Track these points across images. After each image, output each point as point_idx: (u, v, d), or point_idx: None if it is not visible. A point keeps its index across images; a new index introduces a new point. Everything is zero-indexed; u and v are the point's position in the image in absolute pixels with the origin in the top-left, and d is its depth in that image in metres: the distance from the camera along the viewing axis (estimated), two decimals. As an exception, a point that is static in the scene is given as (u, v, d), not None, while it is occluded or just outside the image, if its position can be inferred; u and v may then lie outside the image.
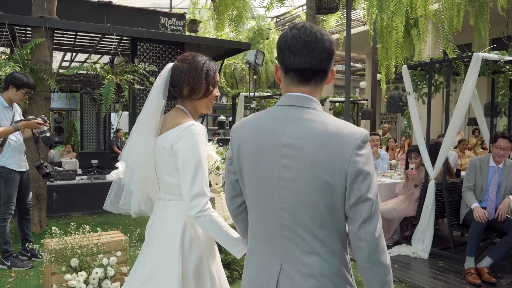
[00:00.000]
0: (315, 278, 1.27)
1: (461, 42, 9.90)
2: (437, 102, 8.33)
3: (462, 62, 4.89)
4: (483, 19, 7.44)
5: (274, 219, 1.31)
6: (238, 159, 1.39)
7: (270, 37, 11.30)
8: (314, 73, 1.30)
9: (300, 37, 1.28)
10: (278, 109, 1.33)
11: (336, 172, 1.22)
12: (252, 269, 1.40)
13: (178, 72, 1.80)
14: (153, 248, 1.85)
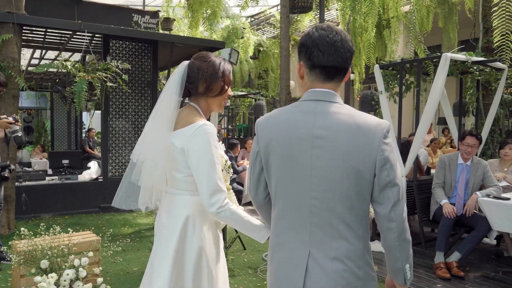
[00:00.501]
0: (342, 261, 1.37)
1: (431, 43, 10.14)
2: (408, 101, 8.50)
3: (431, 63, 5.02)
4: (452, 21, 7.64)
5: (304, 207, 1.41)
6: (266, 153, 1.47)
7: (245, 36, 11.29)
8: (339, 70, 1.43)
9: (328, 36, 1.41)
10: (306, 104, 1.44)
11: (366, 160, 1.35)
12: (280, 257, 1.47)
13: (195, 69, 1.84)
14: (157, 241, 1.91)
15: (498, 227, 4.06)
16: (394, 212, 1.38)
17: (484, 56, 5.41)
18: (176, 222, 1.84)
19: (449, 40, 7.65)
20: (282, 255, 1.46)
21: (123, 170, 7.10)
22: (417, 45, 6.49)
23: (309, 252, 1.40)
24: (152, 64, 7.27)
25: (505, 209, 3.95)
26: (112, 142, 7.00)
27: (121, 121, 7.05)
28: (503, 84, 5.40)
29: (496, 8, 4.65)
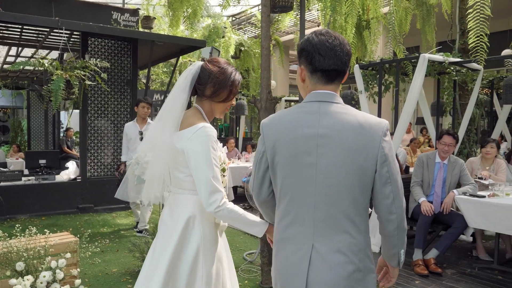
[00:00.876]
0: (344, 254, 1.45)
1: (410, 44, 10.31)
2: (387, 101, 8.60)
3: (410, 63, 5.10)
4: (430, 22, 7.78)
5: (309, 203, 1.48)
6: (272, 152, 1.54)
7: (226, 35, 11.25)
8: (339, 73, 1.53)
9: (328, 41, 1.49)
10: (309, 105, 1.52)
11: (368, 156, 1.44)
12: (285, 251, 1.54)
13: (207, 72, 1.90)
14: (159, 237, 1.98)
15: (474, 224, 4.16)
16: (395, 205, 1.48)
17: (461, 57, 5.53)
18: (177, 221, 1.91)
19: (427, 41, 7.78)
20: (287, 249, 1.53)
21: (102, 170, 6.99)
22: (396, 46, 6.59)
23: (312, 246, 1.47)
24: (132, 63, 7.18)
25: (481, 206, 4.04)
26: (91, 141, 6.89)
27: (100, 120, 6.94)
28: (478, 84, 5.53)
29: (471, 10, 4.75)
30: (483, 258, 4.64)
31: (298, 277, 1.48)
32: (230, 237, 5.50)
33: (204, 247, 1.91)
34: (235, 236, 5.57)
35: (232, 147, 8.74)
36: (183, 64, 14.47)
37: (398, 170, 1.50)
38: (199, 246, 1.90)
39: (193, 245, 1.89)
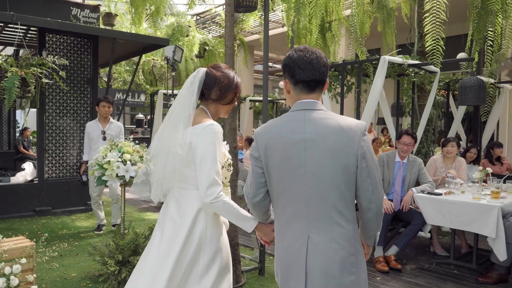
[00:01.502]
0: (336, 242, 1.66)
1: (371, 46, 10.56)
2: (349, 101, 8.80)
3: (371, 65, 5.22)
4: (390, 25, 7.98)
5: (302, 199, 1.69)
6: (266, 157, 1.75)
7: (190, 34, 11.13)
8: (318, 82, 1.74)
9: (305, 56, 1.72)
10: (296, 113, 1.74)
11: (350, 155, 1.65)
12: (284, 242, 1.75)
13: (213, 77, 2.07)
14: (160, 230, 2.09)
15: (432, 221, 4.30)
16: (374, 196, 1.70)
17: (419, 59, 5.71)
18: (185, 216, 2.02)
19: (387, 44, 7.99)
20: (286, 240, 1.74)
21: (60, 171, 6.75)
22: (357, 48, 6.72)
23: (308, 237, 1.68)
24: (92, 61, 6.97)
25: (438, 204, 4.19)
26: (48, 141, 6.64)
27: (58, 119, 6.70)
28: (435, 86, 5.73)
29: (428, 14, 4.92)
30: (440, 253, 4.82)
31: (298, 265, 1.69)
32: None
33: (205, 238, 2.02)
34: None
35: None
36: (146, 62, 14.22)
37: (377, 165, 1.72)
38: (201, 236, 2.01)
39: (195, 236, 2.01)
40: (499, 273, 3.96)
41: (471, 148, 6.34)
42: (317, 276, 1.67)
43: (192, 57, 11.88)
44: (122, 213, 4.00)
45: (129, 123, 20.50)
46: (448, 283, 3.97)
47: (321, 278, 1.66)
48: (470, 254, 4.52)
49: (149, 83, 15.22)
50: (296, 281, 1.71)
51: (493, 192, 4.14)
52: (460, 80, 6.17)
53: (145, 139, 10.23)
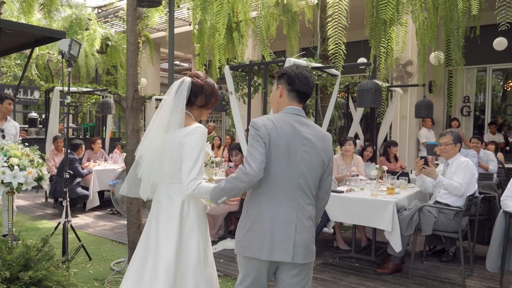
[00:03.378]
0: (311, 219, 2.17)
1: (277, 48, 10.81)
2: (256, 102, 8.91)
3: (277, 66, 5.31)
4: (294, 29, 8.24)
5: (294, 184, 2.10)
6: (268, 146, 2.07)
7: (90, 28, 10.43)
8: (307, 96, 2.22)
9: (304, 72, 2.20)
10: (292, 116, 2.16)
11: (326, 155, 2.19)
12: (273, 219, 2.08)
13: (199, 86, 2.33)
14: (156, 222, 2.31)
15: (335, 218, 4.50)
16: (329, 190, 2.25)
17: (322, 63, 5.95)
18: (174, 206, 2.27)
19: (292, 46, 8.24)
20: (277, 215, 2.08)
21: None
22: (263, 49, 6.82)
23: (296, 216, 2.09)
24: (-27, 52, 6.18)
25: (340, 201, 4.39)
26: None
27: None
28: (337, 88, 6.02)
29: (330, 19, 5.14)
30: (343, 247, 5.06)
31: (288, 238, 2.07)
32: (95, 246, 5.09)
33: (199, 227, 2.30)
34: (101, 244, 5.17)
35: (98, 148, 8.14)
36: (40, 56, 13.04)
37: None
38: (195, 227, 2.28)
39: (189, 226, 2.27)
40: (394, 264, 4.26)
41: (367, 147, 6.78)
42: (301, 246, 2.09)
43: (94, 52, 11.15)
44: (10, 223, 3.57)
45: (22, 122, 18.72)
46: (350, 276, 4.17)
47: (303, 247, 2.10)
48: (370, 247, 4.81)
49: (44, 79, 14.02)
50: (283, 252, 2.06)
51: (389, 189, 4.44)
52: (358, 83, 6.55)
53: (39, 140, 9.36)
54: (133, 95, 3.18)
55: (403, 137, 9.76)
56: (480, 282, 4.10)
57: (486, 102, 10.63)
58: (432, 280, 4.09)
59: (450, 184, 4.21)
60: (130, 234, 3.34)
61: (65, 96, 4.09)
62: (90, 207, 7.15)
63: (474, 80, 10.84)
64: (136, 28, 3.21)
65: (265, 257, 2.07)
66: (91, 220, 6.58)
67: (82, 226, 6.10)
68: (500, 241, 3.85)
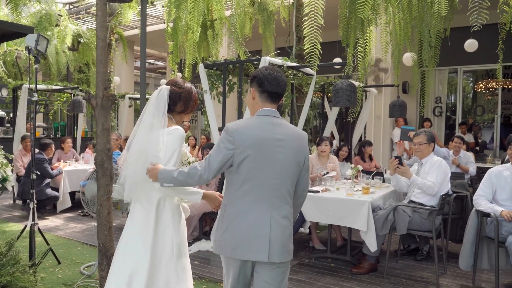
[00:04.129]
0: (288, 218, 2.20)
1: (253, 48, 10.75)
2: (232, 101, 8.82)
3: (252, 65, 5.26)
4: (270, 28, 8.21)
5: (268, 185, 2.14)
6: (241, 149, 2.11)
7: (61, 24, 10.11)
8: (279, 95, 2.25)
9: (273, 73, 2.24)
10: (266, 118, 2.21)
11: (301, 154, 2.23)
12: (248, 219, 2.13)
13: (176, 94, 2.47)
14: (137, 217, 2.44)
15: (311, 218, 4.48)
16: (307, 187, 2.34)
17: (297, 62, 5.93)
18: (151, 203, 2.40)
19: (267, 46, 8.20)
20: (251, 217, 2.12)
21: None
22: (238, 47, 6.75)
23: (271, 215, 2.12)
24: None
25: (316, 201, 4.37)
26: None
27: None
28: (312, 88, 6.01)
29: (306, 18, 5.12)
30: (318, 247, 5.05)
31: (262, 238, 2.10)
32: (65, 249, 4.92)
33: (173, 224, 2.41)
34: (71, 247, 5.00)
35: (68, 148, 7.90)
36: (9, 53, 12.57)
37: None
38: (169, 223, 2.41)
39: (164, 222, 2.40)
40: (370, 263, 4.27)
41: (343, 147, 6.80)
42: (277, 245, 2.11)
43: (65, 49, 10.82)
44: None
45: (-12, 121, 18.07)
46: (326, 277, 4.15)
47: (279, 246, 2.12)
48: (345, 246, 4.81)
49: (13, 76, 13.54)
50: (258, 251, 2.10)
51: (364, 188, 4.45)
52: (334, 83, 6.56)
53: (7, 140, 9.02)
54: (103, 93, 3.06)
55: (377, 137, 9.86)
56: (454, 280, 4.15)
57: (457, 102, 10.87)
58: (407, 279, 4.12)
59: (424, 183, 4.24)
60: (100, 237, 3.21)
61: (32, 93, 3.92)
62: (61, 209, 6.93)
63: (445, 81, 11.06)
64: (107, 23, 3.09)
65: (240, 256, 2.12)
66: (61, 222, 6.38)
67: (52, 229, 5.90)
68: (473, 240, 3.91)
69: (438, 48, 5.64)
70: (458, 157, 6.70)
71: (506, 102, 11.46)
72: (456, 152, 6.75)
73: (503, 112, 11.06)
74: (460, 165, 6.59)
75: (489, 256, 3.94)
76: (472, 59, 9.79)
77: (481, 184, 3.98)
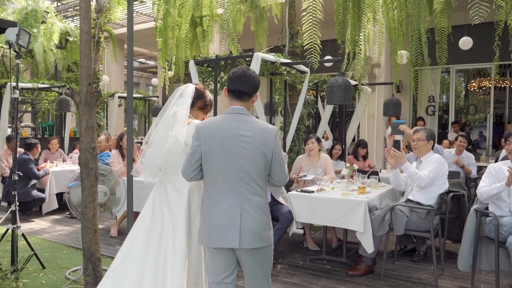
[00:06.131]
0: (260, 209, 2.33)
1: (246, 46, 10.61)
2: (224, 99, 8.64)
3: (244, 61, 5.11)
4: (262, 25, 8.06)
5: (236, 177, 2.31)
6: (206, 146, 2.33)
7: (48, 21, 9.87)
8: (243, 93, 2.39)
9: (237, 73, 2.39)
10: (231, 115, 2.37)
11: (268, 148, 2.33)
12: (220, 210, 2.32)
13: (200, 92, 2.87)
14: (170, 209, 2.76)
15: (304, 219, 4.33)
16: (283, 179, 2.44)
17: (290, 59, 5.79)
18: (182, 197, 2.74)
19: (260, 44, 8.05)
20: (222, 208, 2.32)
21: None
22: (230, 43, 6.60)
23: (241, 205, 2.30)
24: None
25: (310, 201, 4.23)
26: None
27: None
28: (306, 86, 5.88)
29: (305, 13, 5.00)
30: (313, 248, 4.92)
31: (233, 226, 2.28)
32: (50, 252, 4.74)
33: (197, 211, 2.71)
34: (57, 251, 4.81)
35: (55, 148, 7.68)
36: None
37: (282, 156, 2.42)
38: (198, 210, 2.69)
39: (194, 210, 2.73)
40: (366, 265, 4.14)
41: (336, 145, 6.69)
42: (248, 233, 2.28)
43: (52, 47, 10.57)
44: None
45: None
46: (321, 279, 4.02)
47: (250, 234, 2.28)
48: (341, 247, 4.69)
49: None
50: (231, 238, 2.27)
51: (360, 188, 4.32)
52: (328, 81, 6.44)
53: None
54: (87, 89, 2.90)
55: (371, 136, 9.77)
56: (452, 281, 4.04)
57: (449, 101, 10.82)
58: (405, 281, 4.00)
59: (415, 172, 4.13)
60: (85, 240, 3.05)
61: (13, 90, 3.74)
62: (47, 211, 6.72)
63: (438, 80, 11.02)
64: (90, 16, 2.93)
65: (214, 244, 2.33)
66: (48, 224, 6.18)
67: (37, 232, 5.70)
68: (471, 240, 3.80)
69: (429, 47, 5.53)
70: (461, 157, 6.61)
71: (498, 101, 11.44)
72: (460, 152, 6.66)
73: (495, 111, 11.04)
74: (464, 167, 6.52)
75: (488, 257, 3.84)
76: (465, 58, 9.75)
77: (483, 177, 3.90)
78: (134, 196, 3.65)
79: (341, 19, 5.45)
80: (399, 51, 5.96)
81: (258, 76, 2.49)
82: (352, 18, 5.14)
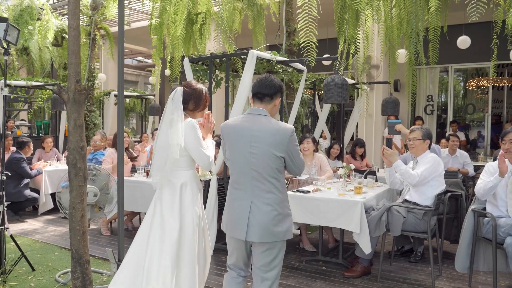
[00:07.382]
0: (270, 205, 2.46)
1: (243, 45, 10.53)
2: (219, 97, 8.54)
3: (240, 59, 5.03)
4: (260, 23, 7.97)
5: (247, 175, 2.49)
6: (226, 143, 2.60)
7: (43, 19, 9.75)
8: (263, 96, 2.56)
9: (260, 77, 2.59)
10: (247, 116, 2.56)
11: (278, 149, 2.45)
12: (234, 203, 2.54)
13: (187, 94, 2.87)
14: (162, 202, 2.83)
15: (300, 219, 4.25)
16: (300, 168, 2.56)
17: (287, 57, 5.71)
18: (175, 189, 2.81)
19: (258, 42, 7.97)
20: (236, 204, 2.52)
21: None
22: (225, 41, 6.51)
23: (251, 201, 2.47)
24: None
25: (306, 201, 4.15)
26: None
27: None
28: (302, 84, 5.79)
29: (300, 10, 4.92)
30: (309, 249, 4.85)
31: (243, 219, 2.46)
32: (41, 254, 4.66)
33: (193, 202, 2.82)
34: (48, 252, 4.73)
35: (50, 147, 7.60)
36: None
37: (298, 152, 2.54)
38: (190, 202, 2.81)
39: (187, 203, 2.81)
40: (363, 266, 4.07)
41: (334, 145, 6.62)
42: (256, 227, 2.43)
43: (48, 44, 10.46)
44: None
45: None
46: (317, 281, 3.94)
47: (259, 228, 2.43)
48: (337, 248, 4.61)
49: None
50: (240, 230, 2.47)
51: (356, 188, 4.24)
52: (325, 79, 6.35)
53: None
54: (75, 86, 2.82)
55: (369, 135, 9.70)
56: (449, 283, 3.97)
57: (448, 101, 10.76)
58: (402, 283, 3.93)
59: (406, 170, 4.08)
60: (73, 242, 2.97)
61: (2, 88, 3.66)
62: (43, 211, 6.64)
63: (436, 80, 10.96)
64: (79, 11, 2.84)
65: (228, 234, 2.59)
66: (40, 225, 6.09)
67: (29, 232, 5.62)
68: (469, 241, 3.74)
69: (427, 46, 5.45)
70: (455, 156, 6.57)
71: (496, 100, 11.39)
72: (453, 151, 6.64)
73: (493, 110, 10.99)
74: (460, 170, 6.48)
75: (485, 258, 3.77)
76: (463, 57, 9.68)
77: (481, 175, 3.85)
78: (127, 195, 3.57)
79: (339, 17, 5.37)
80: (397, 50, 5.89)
81: (280, 81, 2.64)
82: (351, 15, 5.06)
